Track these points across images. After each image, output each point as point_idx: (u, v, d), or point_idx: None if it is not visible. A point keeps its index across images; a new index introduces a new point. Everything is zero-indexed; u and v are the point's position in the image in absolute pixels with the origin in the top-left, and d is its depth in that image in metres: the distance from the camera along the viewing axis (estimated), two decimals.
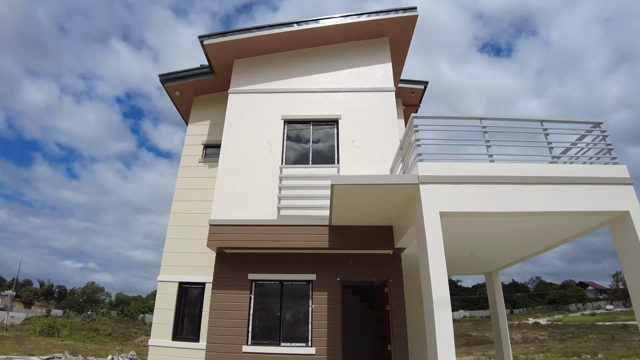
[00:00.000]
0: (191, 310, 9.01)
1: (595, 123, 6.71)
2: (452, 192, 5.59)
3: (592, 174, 6.06)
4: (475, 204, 5.57)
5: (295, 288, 8.22)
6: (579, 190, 5.92)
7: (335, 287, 8.06)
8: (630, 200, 5.91)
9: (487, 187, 5.68)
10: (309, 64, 10.02)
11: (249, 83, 9.82)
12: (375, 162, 8.45)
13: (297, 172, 8.59)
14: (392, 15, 9.78)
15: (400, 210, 6.95)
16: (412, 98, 13.05)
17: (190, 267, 9.19)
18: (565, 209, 5.80)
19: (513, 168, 5.90)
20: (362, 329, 11.16)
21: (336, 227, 7.93)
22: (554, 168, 6.12)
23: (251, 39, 9.66)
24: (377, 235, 7.89)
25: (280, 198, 8.31)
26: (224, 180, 8.53)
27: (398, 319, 7.61)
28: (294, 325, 7.89)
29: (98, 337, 43.42)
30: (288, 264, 8.26)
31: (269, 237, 8.00)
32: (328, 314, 7.80)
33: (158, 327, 8.84)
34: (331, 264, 8.23)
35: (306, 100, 9.45)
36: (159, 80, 10.84)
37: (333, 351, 7.47)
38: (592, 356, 16.27)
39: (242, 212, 8.20)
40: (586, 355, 16.98)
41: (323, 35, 9.98)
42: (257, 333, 7.83)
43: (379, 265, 8.19)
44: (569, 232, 6.99)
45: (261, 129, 9.12)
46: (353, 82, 9.64)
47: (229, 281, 8.14)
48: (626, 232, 5.84)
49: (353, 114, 9.18)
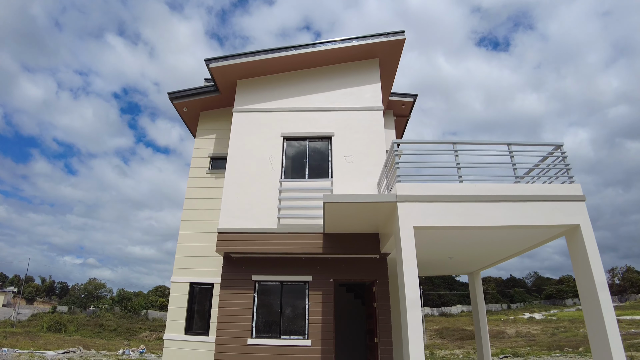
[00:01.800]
0: (201, 307, 10.07)
1: (557, 145, 7.69)
2: (425, 209, 6.61)
3: (550, 192, 7.05)
4: (444, 219, 6.59)
5: (294, 287, 9.28)
6: (538, 206, 6.92)
7: (328, 287, 9.12)
8: (582, 215, 6.90)
9: (455, 204, 6.69)
10: (305, 84, 11.01)
11: (250, 102, 10.82)
12: (365, 176, 9.48)
13: (295, 185, 9.62)
14: (382, 39, 10.74)
15: (384, 220, 7.98)
16: (403, 110, 14.04)
17: (200, 269, 10.24)
18: (525, 223, 6.81)
19: (479, 188, 6.91)
20: (355, 323, 12.22)
21: (329, 234, 8.97)
22: (516, 187, 7.13)
23: (252, 62, 10.62)
24: (365, 241, 8.94)
25: (280, 208, 9.35)
26: (230, 192, 9.57)
27: (383, 315, 8.68)
28: (292, 321, 8.96)
29: (104, 333, 44.60)
30: (287, 267, 9.31)
31: (270, 243, 9.04)
32: (322, 310, 8.87)
33: (172, 322, 9.91)
34: (325, 266, 9.28)
35: (303, 118, 10.46)
36: (168, 97, 11.83)
37: (326, 343, 8.55)
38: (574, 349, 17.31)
39: (246, 221, 9.24)
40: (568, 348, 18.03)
41: (318, 58, 10.94)
42: (260, 327, 8.90)
43: (367, 267, 9.24)
44: (531, 241, 8.02)
45: (262, 145, 10.13)
46: (345, 102, 10.63)
47: (235, 282, 9.20)
48: (577, 243, 6.84)
49: (345, 131, 10.19)
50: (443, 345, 31.58)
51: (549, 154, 7.82)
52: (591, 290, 6.45)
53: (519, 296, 79.18)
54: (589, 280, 6.51)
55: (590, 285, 6.49)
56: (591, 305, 6.42)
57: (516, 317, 54.34)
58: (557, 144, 7.67)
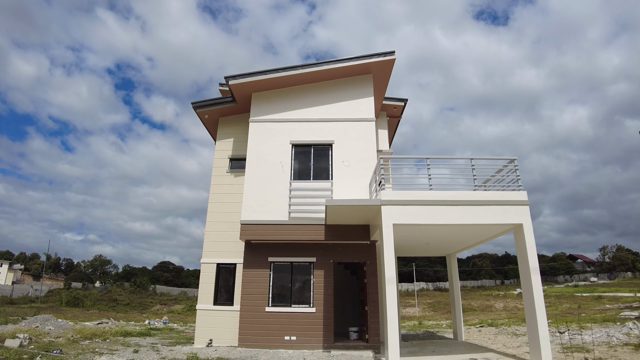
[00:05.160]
0: (226, 283, 12.42)
1: (511, 159, 9.77)
2: (402, 211, 8.79)
3: (501, 198, 9.14)
4: (416, 218, 8.78)
5: (301, 267, 11.61)
6: (490, 209, 9.05)
7: (329, 266, 11.44)
8: (525, 216, 9.02)
9: (425, 207, 8.87)
10: (309, 97, 13.01)
11: (264, 113, 12.86)
12: (359, 178, 11.64)
13: (302, 185, 11.80)
14: (375, 59, 12.67)
15: (373, 216, 10.19)
16: (395, 111, 16.07)
17: (224, 252, 12.54)
18: (479, 222, 8.97)
19: (444, 194, 9.07)
20: (352, 294, 14.62)
21: (330, 225, 11.22)
22: (474, 194, 9.28)
23: (265, 79, 12.60)
24: (358, 231, 11.20)
25: (290, 205, 11.56)
26: (250, 191, 11.77)
27: (372, 288, 11.03)
28: (300, 293, 11.33)
29: (118, 307, 47.62)
30: (296, 250, 11.61)
31: (283, 232, 11.32)
32: (324, 284, 11.22)
33: (203, 295, 12.27)
34: (326, 250, 11.58)
35: (308, 128, 12.53)
36: (192, 107, 13.82)
37: (327, 310, 10.95)
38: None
39: (263, 214, 11.48)
40: None
41: (321, 74, 12.91)
42: (275, 298, 11.28)
43: (360, 251, 11.54)
44: (488, 234, 10.29)
45: (274, 151, 12.25)
46: (343, 113, 12.67)
47: (254, 262, 11.53)
48: (521, 238, 8.99)
49: (343, 139, 12.29)
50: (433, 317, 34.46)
51: (503, 166, 9.95)
52: (527, 273, 8.64)
53: (512, 272, 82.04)
54: (526, 266, 8.70)
55: (526, 270, 8.68)
56: (527, 284, 8.64)
57: (507, 292, 57.14)
58: (511, 158, 9.76)
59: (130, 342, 12.92)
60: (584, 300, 41.70)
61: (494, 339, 13.50)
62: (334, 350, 10.38)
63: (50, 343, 11.53)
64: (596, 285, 63.53)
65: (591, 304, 36.41)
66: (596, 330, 13.10)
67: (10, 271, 75.16)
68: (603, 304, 34.38)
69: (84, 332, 13.97)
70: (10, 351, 9.34)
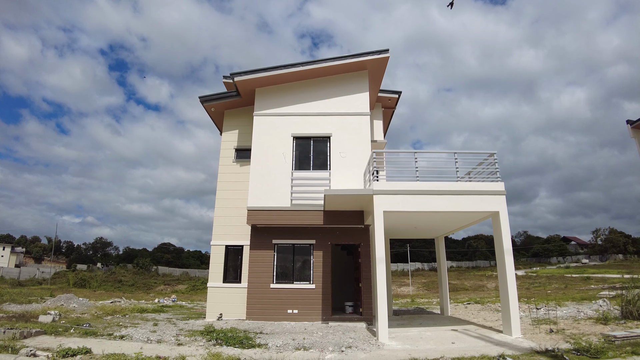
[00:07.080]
0: (233, 263, 13.69)
1: (491, 153, 10.86)
2: (392, 199, 9.93)
3: (480, 188, 10.26)
4: (405, 206, 9.93)
5: (302, 248, 12.86)
6: (470, 198, 10.17)
7: (327, 247, 12.69)
8: (501, 205, 10.14)
9: (412, 196, 10.01)
10: (309, 92, 14.01)
11: (267, 107, 13.88)
12: (354, 168, 12.77)
13: (303, 175, 12.93)
14: (370, 57, 13.63)
15: (366, 204, 11.36)
16: (389, 103, 17.08)
17: (232, 234, 13.76)
18: (460, 209, 10.10)
19: (429, 185, 10.20)
20: (347, 272, 15.93)
21: (328, 211, 12.42)
22: (456, 184, 10.39)
23: (268, 76, 13.57)
24: (353, 216, 12.40)
25: (292, 192, 12.71)
26: (255, 180, 12.90)
27: (365, 267, 12.30)
28: (301, 271, 12.61)
29: (123, 287, 49.16)
30: (297, 233, 12.85)
31: (285, 217, 12.51)
32: (323, 264, 12.49)
33: (213, 274, 13.55)
34: (325, 233, 12.81)
35: (308, 121, 13.58)
36: (199, 100, 14.82)
37: (326, 286, 12.26)
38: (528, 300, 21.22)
39: (268, 201, 12.65)
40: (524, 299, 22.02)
41: (320, 71, 13.87)
42: (279, 276, 12.56)
43: (355, 233, 12.77)
44: (469, 220, 11.50)
45: (277, 143, 13.33)
46: (340, 108, 13.70)
47: (260, 244, 12.76)
48: (497, 224, 10.16)
49: (340, 132, 13.35)
50: (425, 295, 36.15)
51: (484, 159, 11.06)
52: (502, 255, 9.87)
53: None
54: (501, 248, 9.92)
55: (501, 251, 9.90)
56: (501, 263, 9.88)
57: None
58: (491, 152, 10.85)
59: (148, 317, 14.27)
60: (573, 280, 43.14)
61: (476, 314, 14.87)
62: (331, 322, 11.73)
63: (78, 318, 12.84)
64: (587, 266, 65.04)
65: (579, 284, 37.82)
66: (571, 308, 14.45)
67: (12, 254, 76.67)
68: (589, 285, 35.94)
69: (105, 309, 15.30)
70: (45, 325, 10.57)
